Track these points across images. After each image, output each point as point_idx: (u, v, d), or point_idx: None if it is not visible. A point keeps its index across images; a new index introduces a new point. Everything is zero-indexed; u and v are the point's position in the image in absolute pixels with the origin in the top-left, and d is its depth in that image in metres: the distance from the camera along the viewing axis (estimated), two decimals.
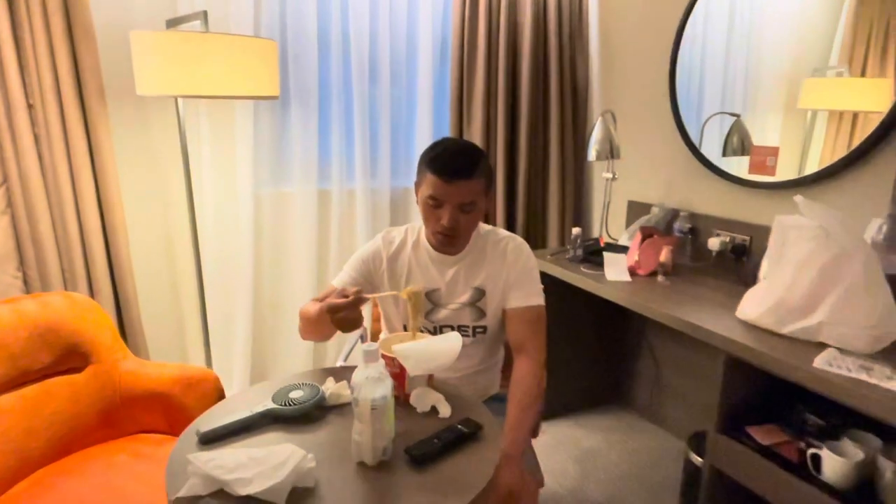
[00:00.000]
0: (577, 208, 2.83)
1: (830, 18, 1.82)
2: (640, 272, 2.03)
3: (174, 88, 1.68)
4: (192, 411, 1.49)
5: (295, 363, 2.54)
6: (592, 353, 2.56)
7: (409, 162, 2.67)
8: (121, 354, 1.61)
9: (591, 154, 2.29)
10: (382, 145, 2.56)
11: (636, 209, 2.50)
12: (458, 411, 1.15)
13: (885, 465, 1.28)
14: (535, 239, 2.79)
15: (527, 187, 2.68)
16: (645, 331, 2.51)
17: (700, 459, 1.77)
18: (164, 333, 2.32)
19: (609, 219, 2.56)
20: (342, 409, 1.18)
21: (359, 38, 2.40)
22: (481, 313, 1.44)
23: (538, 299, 1.43)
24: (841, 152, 1.80)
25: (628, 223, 2.52)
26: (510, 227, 2.72)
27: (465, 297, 1.43)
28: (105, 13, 1.98)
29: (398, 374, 1.16)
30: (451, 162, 1.30)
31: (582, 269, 2.11)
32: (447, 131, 2.65)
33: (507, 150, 2.63)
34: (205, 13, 1.82)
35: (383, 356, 1.07)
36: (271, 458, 0.91)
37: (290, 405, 1.13)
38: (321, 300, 1.42)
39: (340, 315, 1.15)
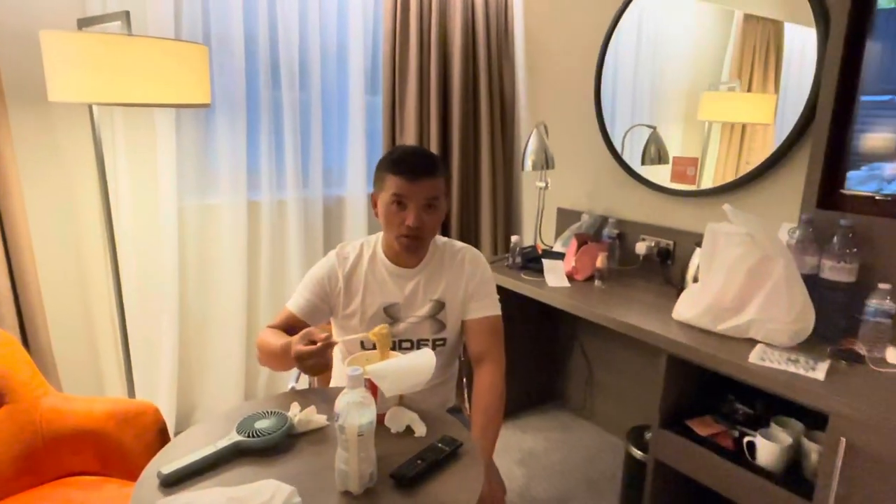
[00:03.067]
0: (509, 217, 2.91)
1: (721, 38, 2.00)
2: (578, 277, 2.12)
3: (94, 95, 1.54)
4: (130, 449, 1.37)
5: (227, 390, 2.40)
6: (529, 357, 2.63)
7: (341, 171, 2.62)
8: (41, 391, 1.44)
9: (528, 164, 2.36)
10: (314, 154, 2.49)
11: (565, 216, 2.61)
12: (432, 429, 1.14)
13: (810, 446, 1.42)
14: None
15: (460, 197, 2.71)
16: (576, 333, 2.62)
17: (640, 453, 1.88)
18: (78, 363, 2.11)
19: (542, 226, 2.64)
20: (312, 435, 1.13)
21: (288, 44, 2.33)
22: (441, 325, 1.44)
23: (496, 309, 1.45)
24: (734, 161, 1.99)
25: (558, 230, 2.62)
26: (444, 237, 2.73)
27: (424, 309, 1.42)
28: (3, 8, 1.77)
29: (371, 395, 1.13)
30: (413, 161, 1.32)
31: (522, 276, 2.17)
32: (380, 140, 2.62)
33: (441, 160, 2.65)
34: (127, 14, 1.68)
35: None
36: (255, 498, 0.86)
37: (257, 436, 1.07)
38: (279, 327, 1.38)
39: (310, 362, 1.13)
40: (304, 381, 1.61)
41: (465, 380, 1.76)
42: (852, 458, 1.24)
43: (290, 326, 1.37)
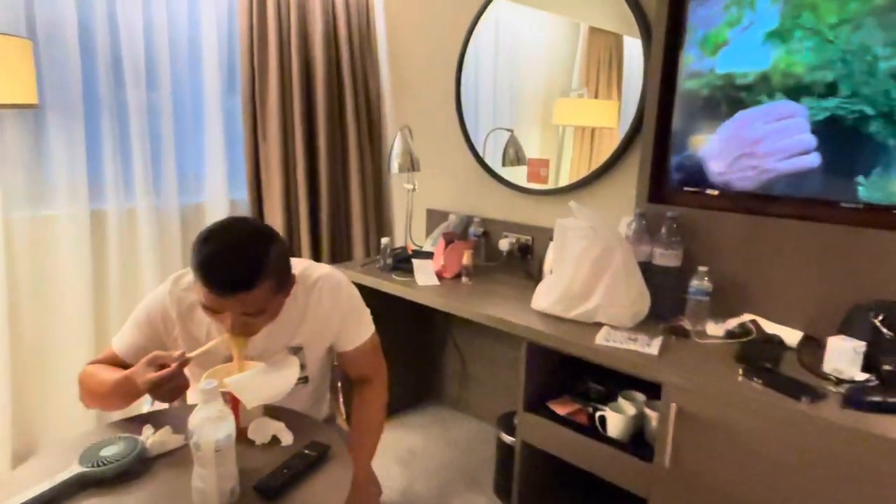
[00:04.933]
0: (380, 219, 2.92)
1: (570, 48, 2.19)
2: (446, 275, 2.20)
3: None
4: None
5: (75, 420, 2.16)
6: (404, 356, 2.67)
7: (199, 177, 2.47)
8: None
9: (395, 167, 2.40)
10: (166, 158, 2.33)
11: (435, 216, 2.68)
12: (301, 436, 1.13)
13: (650, 414, 1.60)
14: (342, 251, 2.81)
15: (330, 202, 2.68)
16: (449, 328, 2.71)
17: (511, 438, 1.99)
18: None
19: (411, 227, 2.70)
20: (169, 457, 1.07)
21: (131, 39, 2.15)
22: (300, 367, 1.26)
23: (370, 329, 1.38)
24: (585, 161, 2.18)
25: (429, 230, 2.69)
26: (315, 243, 2.69)
27: (279, 357, 1.25)
28: None
29: (231, 409, 1.09)
30: (222, 274, 1.04)
31: (393, 276, 2.20)
32: (240, 144, 2.51)
33: (307, 165, 2.60)
34: None
35: None
36: None
37: (103, 464, 0.99)
38: (104, 362, 1.24)
39: (165, 389, 1.05)
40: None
41: (339, 384, 1.75)
42: (682, 421, 1.42)
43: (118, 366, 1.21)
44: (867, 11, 1.43)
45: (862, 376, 1.34)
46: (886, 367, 1.34)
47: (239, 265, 1.05)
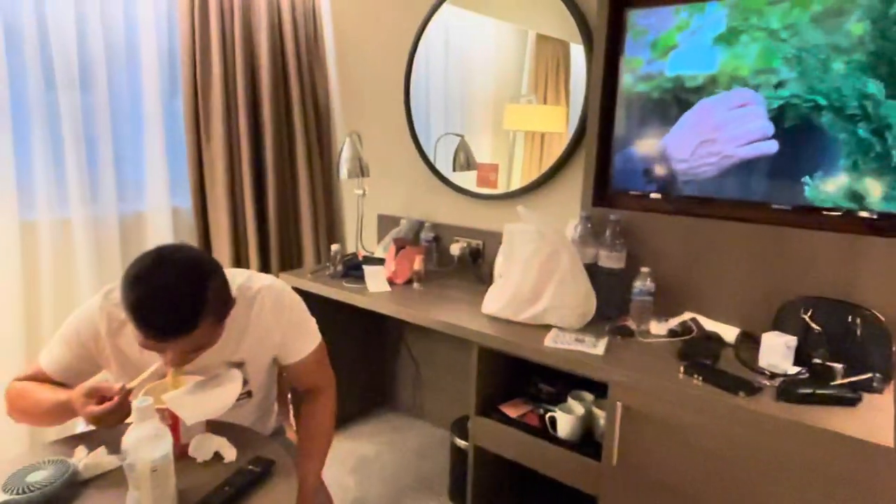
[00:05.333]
0: (331, 225, 2.89)
1: (519, 54, 2.22)
2: (398, 281, 2.18)
3: None
4: None
5: (5, 444, 2.03)
6: (357, 364, 2.64)
7: (139, 184, 2.37)
8: None
9: (343, 172, 2.37)
10: (103, 165, 2.22)
11: (386, 222, 2.67)
12: (245, 451, 1.10)
13: (599, 414, 1.63)
14: (292, 259, 2.76)
15: (278, 208, 2.63)
16: (402, 334, 2.70)
17: (464, 442, 1.99)
18: None
19: (363, 233, 2.67)
20: (104, 479, 1.02)
21: (63, 38, 2.05)
22: (243, 382, 1.22)
23: (316, 338, 1.35)
24: (536, 166, 2.22)
25: (380, 236, 2.67)
26: (263, 251, 2.63)
27: (220, 370, 1.20)
28: None
29: (171, 426, 1.05)
30: (158, 320, 0.97)
31: (344, 283, 2.17)
32: (182, 148, 2.43)
33: (254, 171, 2.54)
34: None
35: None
36: None
37: (29, 491, 0.94)
38: (32, 379, 1.18)
39: (109, 421, 1.01)
40: None
41: (289, 396, 1.71)
42: (628, 419, 1.45)
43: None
44: (809, 18, 1.50)
45: (794, 370, 1.41)
46: (816, 361, 1.41)
47: (176, 310, 0.98)
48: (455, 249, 2.35)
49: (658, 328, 1.69)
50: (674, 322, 1.70)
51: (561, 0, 2.00)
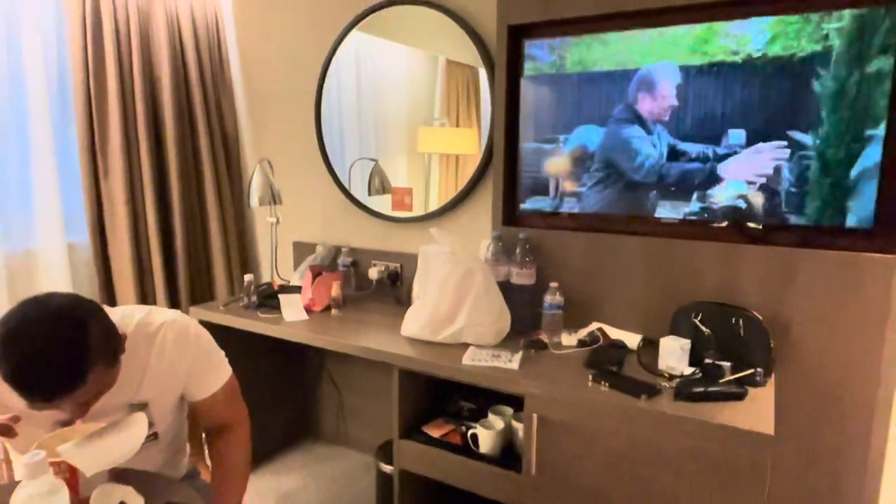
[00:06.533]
0: (244, 255, 2.81)
1: (431, 79, 2.28)
2: (316, 308, 2.16)
3: None
4: None
5: None
6: (278, 395, 2.57)
7: (27, 219, 2.21)
8: None
9: (254, 201, 2.33)
10: None
11: (302, 249, 2.63)
12: (154, 498, 1.04)
13: (518, 426, 1.68)
14: (203, 292, 2.65)
15: (186, 240, 2.53)
16: (324, 363, 2.65)
17: (389, 467, 1.98)
18: None
19: (278, 261, 2.62)
20: None
21: None
22: (147, 424, 1.16)
23: (225, 372, 1.31)
24: (452, 187, 2.28)
25: (296, 263, 2.63)
26: (172, 287, 2.52)
27: (118, 417, 1.13)
28: None
29: (68, 479, 0.99)
30: (39, 386, 0.91)
31: (259, 314, 2.12)
32: (78, 181, 2.30)
33: (158, 202, 2.44)
34: None
35: (49, 464, 0.91)
36: None
37: None
38: None
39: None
40: None
41: (203, 435, 1.64)
42: (543, 429, 1.51)
43: None
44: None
45: (689, 370, 1.53)
46: (707, 361, 1.54)
47: (58, 369, 0.91)
48: (373, 273, 2.36)
49: (569, 339, 1.78)
50: (583, 332, 1.80)
51: (462, 29, 2.09)
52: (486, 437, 1.68)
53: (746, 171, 1.63)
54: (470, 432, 1.71)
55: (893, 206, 1.48)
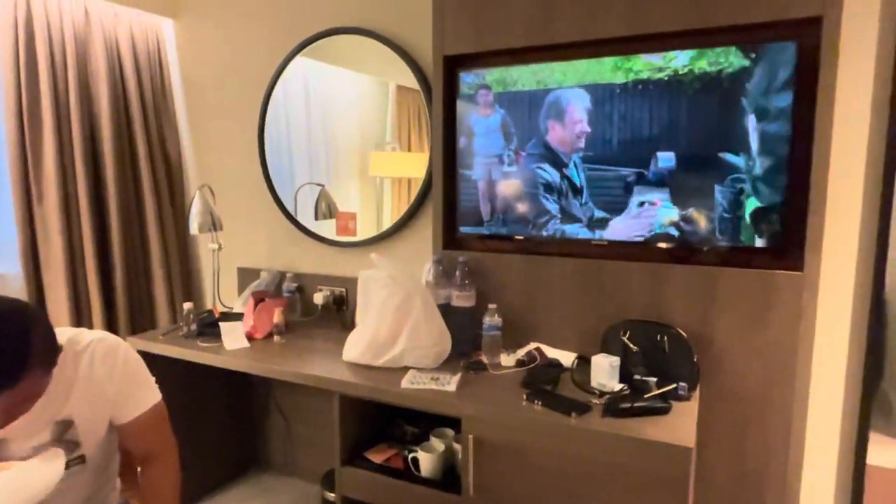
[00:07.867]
0: (187, 282, 2.76)
1: (381, 103, 2.32)
2: (258, 335, 2.14)
3: None
4: None
5: None
6: (224, 425, 2.51)
7: None
8: None
9: (194, 227, 2.30)
10: None
11: (246, 275, 2.61)
12: None
13: (458, 448, 1.70)
14: (144, 321, 2.59)
15: (125, 268, 2.47)
16: (270, 391, 2.61)
17: (332, 495, 1.96)
18: None
19: (221, 288, 2.59)
20: None
21: None
22: (73, 445, 1.18)
23: (153, 397, 1.29)
24: (404, 211, 2.31)
25: (241, 290, 2.60)
26: (111, 317, 2.45)
27: (43, 435, 1.13)
28: None
29: None
30: None
31: (199, 343, 2.08)
32: (10, 209, 2.23)
33: (95, 230, 2.39)
34: None
35: None
36: None
37: None
38: None
39: None
40: None
41: (138, 468, 1.60)
42: (480, 450, 1.53)
43: None
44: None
45: (619, 387, 1.58)
46: (636, 377, 1.60)
47: None
48: (319, 298, 2.36)
49: (507, 360, 1.81)
50: (521, 353, 1.84)
51: (402, 59, 2.14)
52: (426, 460, 1.68)
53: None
54: (411, 456, 1.72)
55: (800, 227, 1.58)
